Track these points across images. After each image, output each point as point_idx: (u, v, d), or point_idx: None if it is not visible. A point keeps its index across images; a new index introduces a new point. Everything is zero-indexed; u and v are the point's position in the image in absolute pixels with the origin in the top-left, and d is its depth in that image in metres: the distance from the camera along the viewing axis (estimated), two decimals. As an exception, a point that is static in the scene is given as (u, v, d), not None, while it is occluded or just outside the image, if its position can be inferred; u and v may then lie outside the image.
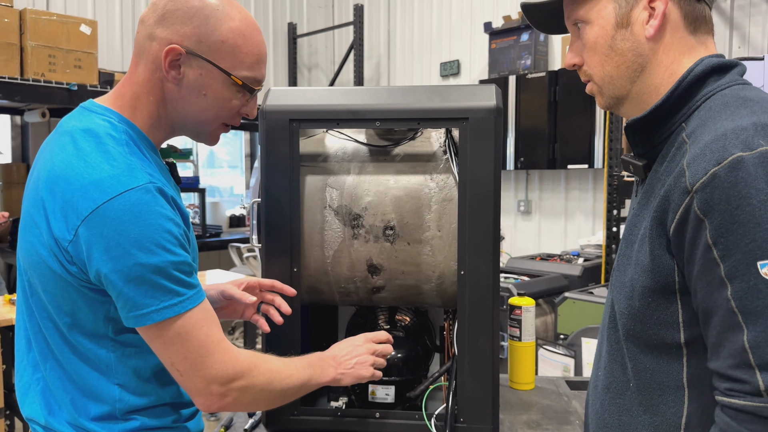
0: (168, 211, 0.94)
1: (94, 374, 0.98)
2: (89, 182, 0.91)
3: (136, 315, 0.92)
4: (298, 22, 6.36)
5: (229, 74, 1.01)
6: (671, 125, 0.89)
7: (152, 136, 1.05)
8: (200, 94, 1.02)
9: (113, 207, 0.89)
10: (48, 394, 1.01)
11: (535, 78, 4.35)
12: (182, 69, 1.00)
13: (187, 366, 0.95)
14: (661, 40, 0.89)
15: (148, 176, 0.94)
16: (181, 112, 1.04)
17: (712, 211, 0.76)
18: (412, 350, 1.44)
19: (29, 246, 0.97)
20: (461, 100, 1.28)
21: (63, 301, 0.96)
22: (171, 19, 0.99)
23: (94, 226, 0.89)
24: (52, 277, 0.95)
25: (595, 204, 4.50)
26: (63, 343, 0.99)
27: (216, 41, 0.99)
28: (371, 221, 1.34)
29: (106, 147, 0.95)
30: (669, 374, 0.86)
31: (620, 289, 0.92)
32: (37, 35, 3.86)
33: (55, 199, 0.93)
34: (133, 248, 0.89)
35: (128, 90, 1.03)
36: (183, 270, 0.94)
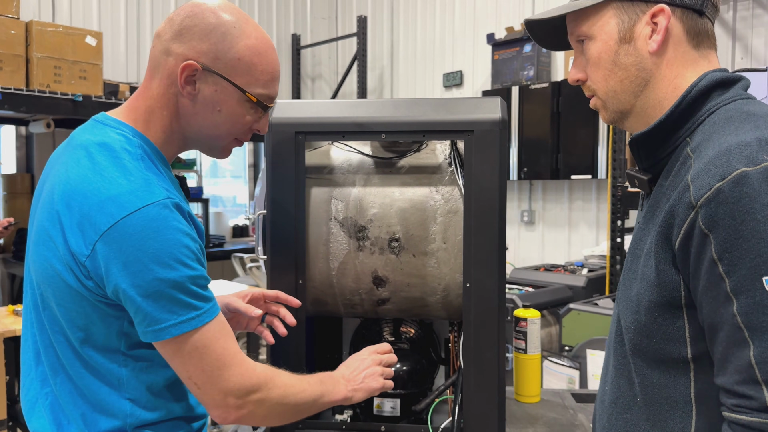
0: (185, 226, 0.95)
1: (106, 389, 0.98)
2: (107, 197, 0.91)
3: (154, 330, 0.92)
4: (302, 33, 6.40)
5: (244, 91, 1.02)
6: (675, 140, 0.89)
7: (165, 150, 1.05)
8: (214, 109, 1.02)
9: (132, 222, 0.90)
10: (57, 409, 1.01)
11: (538, 89, 4.36)
12: (197, 85, 1.00)
13: (204, 379, 0.95)
14: (664, 55, 0.89)
15: (165, 192, 0.95)
16: (194, 127, 1.04)
17: (716, 226, 0.76)
18: (417, 363, 1.43)
19: (43, 260, 0.97)
20: (466, 112, 1.29)
21: (77, 315, 0.96)
22: (188, 35, 0.99)
23: (113, 242, 0.90)
24: (67, 292, 0.95)
25: (599, 214, 4.49)
26: (74, 358, 0.98)
27: (232, 58, 1.00)
28: (376, 233, 1.34)
29: (122, 161, 0.95)
30: (676, 389, 0.86)
31: (626, 304, 0.92)
32: (42, 47, 3.89)
33: (71, 214, 0.93)
34: (152, 263, 0.90)
35: (142, 104, 1.03)
36: (199, 284, 0.95)
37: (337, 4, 6.51)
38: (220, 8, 1.01)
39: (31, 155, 4.98)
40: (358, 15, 5.81)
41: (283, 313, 1.25)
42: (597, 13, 0.92)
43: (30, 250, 1.02)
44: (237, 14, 1.02)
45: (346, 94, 6.07)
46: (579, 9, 0.93)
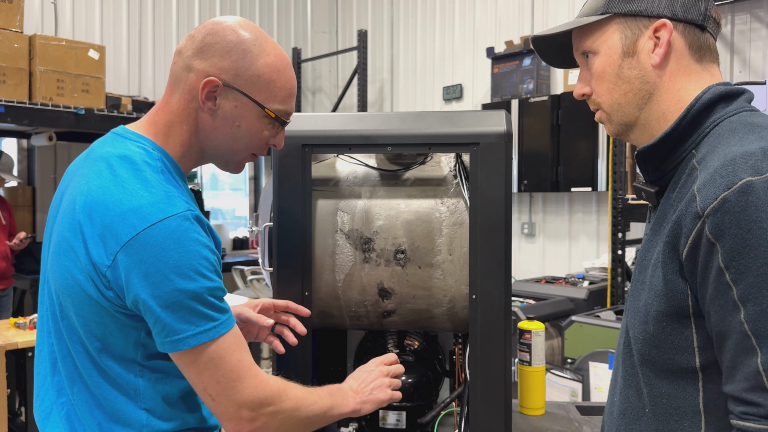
0: (204, 238, 0.96)
1: (122, 399, 0.98)
2: (129, 209, 0.92)
3: (172, 340, 0.93)
4: (303, 47, 6.44)
5: (263, 107, 1.04)
6: (681, 152, 0.90)
7: (182, 164, 1.07)
8: (234, 125, 1.04)
9: (153, 234, 0.91)
10: (74, 418, 1.01)
11: (538, 102, 4.39)
12: (218, 100, 1.02)
13: (219, 390, 0.95)
14: (666, 68, 0.91)
15: (185, 204, 0.96)
16: (213, 142, 1.06)
17: (723, 235, 0.77)
18: (422, 375, 1.43)
19: (64, 270, 0.98)
20: (472, 125, 1.30)
21: (95, 325, 0.97)
22: (209, 52, 1.01)
23: (134, 253, 0.91)
24: (87, 302, 0.96)
25: (599, 227, 4.50)
26: (92, 367, 0.99)
27: (252, 75, 1.02)
28: (382, 245, 1.34)
29: (143, 174, 0.96)
30: (685, 399, 0.86)
31: (634, 314, 0.92)
32: (46, 60, 3.92)
33: (93, 225, 0.94)
34: (172, 274, 0.91)
35: (162, 118, 1.05)
36: (217, 295, 0.96)
37: (338, 19, 6.57)
38: (240, 26, 1.04)
39: (33, 168, 4.99)
40: (358, 29, 5.86)
41: (293, 322, 1.26)
42: (601, 29, 0.94)
43: (49, 261, 1.03)
44: (256, 32, 1.05)
45: (347, 108, 6.10)
46: (584, 25, 0.95)
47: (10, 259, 4.05)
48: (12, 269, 4.08)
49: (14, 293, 4.40)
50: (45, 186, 4.91)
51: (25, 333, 2.89)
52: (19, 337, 2.80)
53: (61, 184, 1.08)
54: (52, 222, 1.05)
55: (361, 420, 1.41)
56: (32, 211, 4.87)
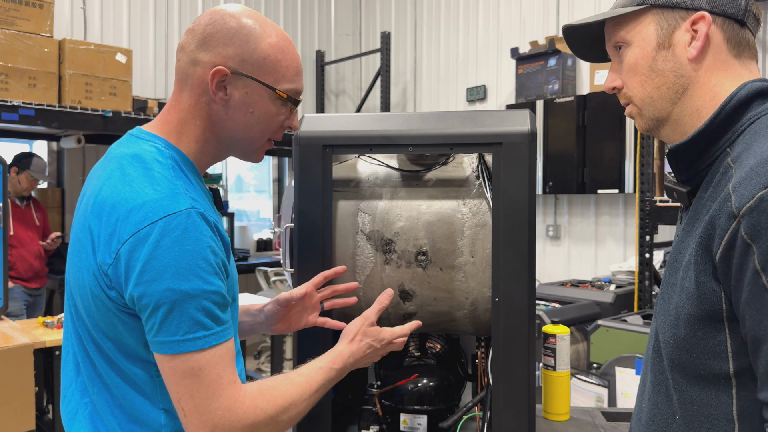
0: (207, 238, 0.93)
1: (140, 399, 0.98)
2: (133, 207, 0.91)
3: (159, 341, 0.91)
4: (326, 50, 6.47)
5: (273, 89, 1.03)
6: (715, 151, 0.87)
7: (198, 160, 1.06)
8: (247, 111, 1.03)
9: (153, 231, 0.89)
10: (96, 419, 1.01)
11: (563, 102, 4.33)
12: (228, 89, 1.01)
13: (192, 406, 0.91)
14: (703, 62, 0.88)
15: (190, 201, 0.94)
16: (228, 132, 1.05)
17: (759, 236, 0.73)
18: (444, 379, 1.41)
19: (77, 271, 0.98)
20: (495, 125, 1.28)
21: (105, 326, 0.96)
22: (212, 42, 1.01)
23: (133, 250, 0.89)
24: (93, 302, 0.96)
25: (626, 229, 4.42)
26: (109, 367, 0.98)
27: (258, 58, 1.01)
28: (403, 246, 1.33)
29: (151, 172, 0.96)
30: (718, 406, 0.83)
31: (665, 318, 0.89)
32: (75, 64, 3.99)
33: (101, 225, 0.93)
34: (167, 273, 0.89)
35: (174, 116, 1.04)
36: (214, 301, 0.93)
37: (361, 21, 6.58)
38: (238, 12, 1.03)
39: (62, 170, 5.09)
40: (381, 31, 5.86)
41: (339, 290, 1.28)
42: (636, 19, 0.91)
43: (68, 262, 1.03)
44: (254, 16, 1.04)
45: (369, 110, 6.10)
46: (619, 15, 0.92)
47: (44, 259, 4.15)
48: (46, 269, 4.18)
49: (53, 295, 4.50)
50: (74, 187, 5.01)
51: (53, 332, 2.95)
52: (47, 335, 2.85)
53: (83, 188, 1.09)
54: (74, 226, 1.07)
55: (382, 423, 1.39)
56: (61, 212, 4.98)
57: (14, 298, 3.90)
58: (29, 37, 3.84)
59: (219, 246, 0.96)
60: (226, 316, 0.96)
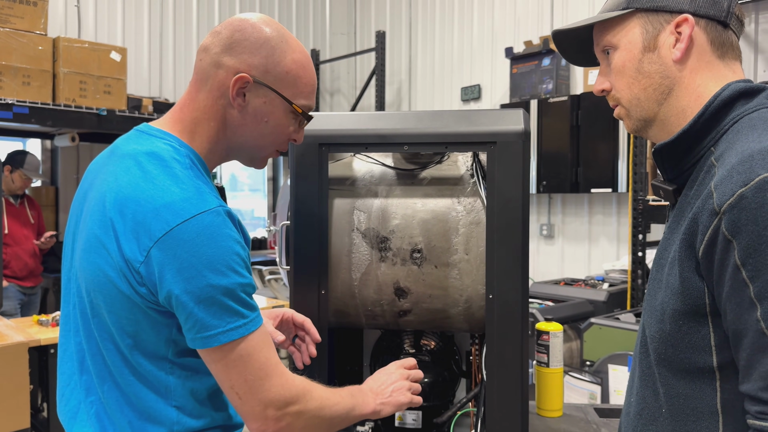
0: (236, 234, 0.96)
1: (153, 396, 0.99)
2: (161, 204, 0.93)
3: (203, 336, 0.93)
4: (321, 49, 6.47)
5: (291, 102, 1.06)
6: (700, 150, 0.89)
7: (208, 160, 1.07)
8: (262, 120, 1.05)
9: (187, 229, 0.91)
10: (103, 417, 1.01)
11: (557, 102, 4.35)
12: (247, 97, 1.03)
13: (246, 389, 0.95)
14: (687, 64, 0.90)
15: (217, 200, 0.97)
16: (240, 138, 1.07)
17: (740, 232, 0.75)
18: (438, 375, 1.43)
19: (94, 267, 0.98)
20: (489, 124, 1.29)
21: (127, 322, 0.97)
22: (239, 48, 1.02)
23: (168, 248, 0.91)
24: (119, 298, 0.96)
25: (620, 228, 4.45)
26: (123, 365, 0.99)
27: (281, 71, 1.04)
28: (398, 244, 1.34)
29: (173, 170, 0.97)
30: (702, 399, 0.85)
31: (651, 313, 0.91)
32: (69, 62, 3.98)
33: (125, 221, 0.94)
34: (206, 269, 0.91)
35: (188, 115, 1.05)
36: (248, 292, 0.96)
37: (356, 20, 6.58)
38: (265, 23, 1.05)
39: (56, 169, 5.08)
40: (376, 30, 5.86)
41: (308, 340, 1.28)
42: (622, 23, 0.94)
43: (77, 259, 1.02)
44: (280, 29, 1.06)
45: (364, 109, 6.11)
46: (605, 20, 0.94)
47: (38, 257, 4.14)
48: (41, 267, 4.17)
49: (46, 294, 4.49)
50: (68, 186, 5.00)
51: (48, 330, 2.94)
52: (41, 334, 2.85)
53: (83, 183, 1.08)
54: (75, 220, 1.06)
55: (377, 419, 1.41)
56: (55, 210, 4.96)
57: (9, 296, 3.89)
58: (23, 35, 3.83)
59: (242, 241, 0.99)
60: (255, 302, 0.99)
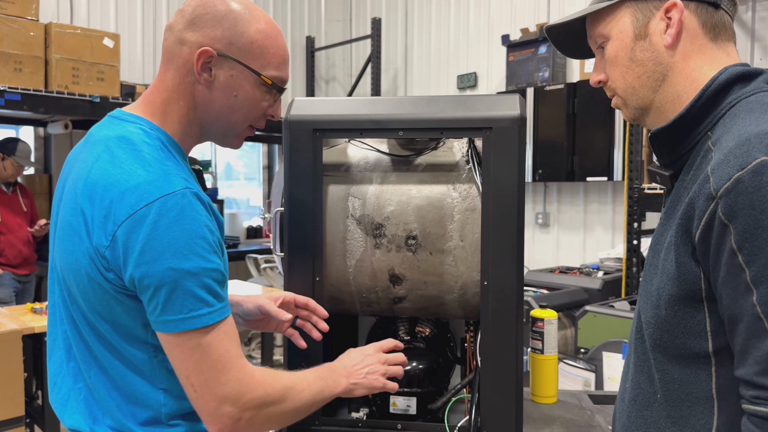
0: (204, 217, 0.94)
1: (139, 380, 0.98)
2: (127, 188, 0.92)
3: (163, 320, 0.92)
4: (316, 36, 6.42)
5: (259, 74, 1.04)
6: (696, 135, 0.89)
7: (182, 142, 1.06)
8: (231, 95, 1.03)
9: (150, 212, 0.90)
10: (92, 403, 1.01)
11: (554, 90, 4.34)
12: (213, 71, 1.02)
13: (202, 380, 0.92)
14: (679, 48, 0.90)
15: (183, 181, 0.95)
16: (211, 115, 1.05)
17: (736, 217, 0.75)
18: (433, 362, 1.43)
19: (69, 254, 0.97)
20: (484, 109, 1.28)
21: (102, 308, 0.96)
22: (200, 23, 1.01)
23: (131, 231, 0.90)
24: (90, 285, 0.95)
25: (615, 217, 4.45)
26: (107, 350, 0.98)
27: (246, 43, 1.02)
28: (393, 231, 1.34)
29: (141, 153, 0.96)
30: (697, 385, 0.85)
31: (647, 299, 0.91)
32: (61, 48, 3.94)
33: (94, 207, 0.93)
34: (167, 252, 0.89)
35: (158, 97, 1.04)
36: (215, 278, 0.94)
37: (351, 7, 6.53)
38: None
39: (50, 156, 5.04)
40: (372, 17, 5.82)
41: (315, 319, 1.27)
42: (612, 13, 0.94)
43: (55, 247, 1.03)
44: (244, 2, 1.04)
45: (360, 96, 6.08)
46: (596, 11, 0.95)
47: (32, 245, 4.12)
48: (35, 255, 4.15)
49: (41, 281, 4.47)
50: (61, 174, 4.96)
51: (42, 318, 2.93)
52: (35, 322, 2.84)
53: (63, 171, 1.08)
54: (56, 209, 1.05)
55: (372, 405, 1.41)
56: (49, 198, 4.93)
57: (3, 284, 3.87)
58: (15, 21, 3.78)
59: (214, 225, 0.97)
60: (225, 293, 0.97)
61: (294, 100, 1.36)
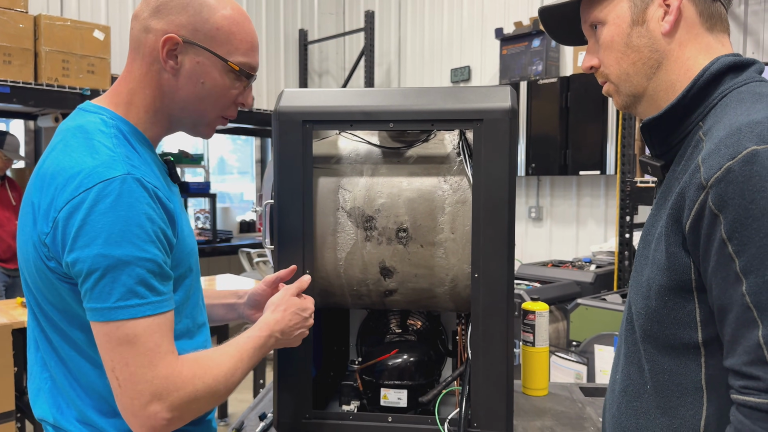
0: (144, 205, 0.91)
1: (95, 371, 0.96)
2: (71, 175, 0.91)
3: (91, 308, 0.89)
4: (309, 29, 6.39)
5: (226, 60, 1.02)
6: (688, 125, 0.88)
7: (149, 131, 1.05)
8: (198, 82, 1.02)
9: (88, 197, 0.88)
10: (56, 393, 1.00)
11: (547, 84, 4.34)
12: (179, 58, 1.00)
13: (127, 375, 0.88)
14: (676, 36, 0.89)
15: (128, 167, 0.92)
16: (179, 104, 1.04)
17: (726, 206, 0.75)
18: (424, 354, 1.43)
19: (22, 244, 0.98)
20: (475, 101, 1.27)
21: (53, 297, 0.95)
22: (165, 10, 1.00)
23: (68, 217, 0.89)
24: (38, 274, 0.95)
25: (607, 210, 4.46)
26: (63, 340, 0.97)
27: (211, 29, 1.01)
28: (384, 223, 1.33)
29: (92, 142, 0.95)
30: (687, 376, 0.85)
31: (637, 290, 0.91)
32: (51, 41, 3.90)
33: (42, 196, 0.93)
34: (99, 238, 0.87)
35: (124, 87, 1.03)
36: (149, 269, 0.90)
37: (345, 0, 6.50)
38: None
39: (40, 150, 5.00)
40: (365, 10, 5.79)
41: None
42: None
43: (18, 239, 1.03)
44: None
45: (354, 90, 6.06)
46: None
47: None
48: None
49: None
50: (52, 168, 4.92)
51: (32, 312, 2.92)
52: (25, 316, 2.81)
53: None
54: None
55: (363, 398, 1.40)
56: (40, 192, 4.89)
57: (-8, 279, 3.85)
58: (3, 12, 3.74)
59: (160, 214, 0.94)
60: (164, 287, 0.93)
61: (284, 92, 1.35)
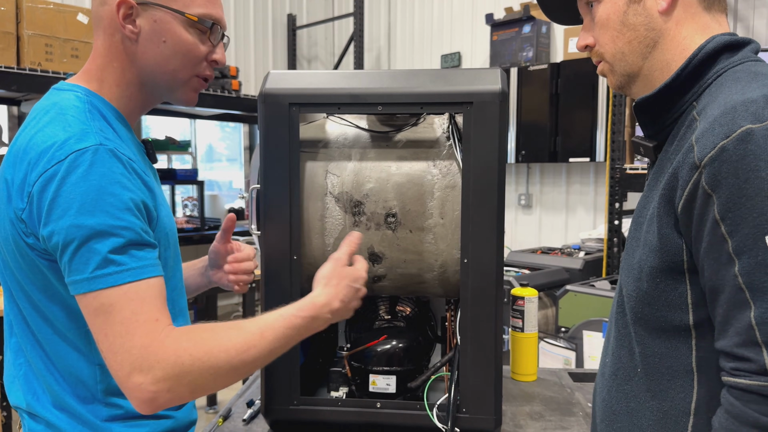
0: (118, 175, 0.89)
1: (74, 354, 0.95)
2: (43, 149, 0.90)
3: (71, 281, 0.87)
4: (298, 14, 6.32)
5: (182, 13, 1.01)
6: (682, 104, 0.87)
7: (125, 107, 1.04)
8: (160, 41, 1.01)
9: (60, 169, 0.87)
10: (31, 378, 0.99)
11: (537, 70, 4.32)
12: (138, 22, 1.00)
13: (107, 345, 0.85)
14: (673, 15, 0.88)
15: (100, 138, 0.91)
16: (147, 69, 1.03)
17: (720, 186, 0.73)
18: (413, 340, 1.42)
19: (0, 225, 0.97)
20: (465, 83, 1.25)
21: (33, 276, 0.94)
22: None
23: (42, 191, 0.88)
24: (17, 252, 0.94)
25: (597, 198, 4.47)
26: (42, 323, 0.96)
27: None
28: (372, 208, 1.31)
29: (65, 116, 0.94)
30: (677, 359, 0.84)
31: (628, 272, 0.90)
32: (33, 24, 3.82)
33: (15, 172, 0.92)
34: (72, 209, 0.86)
35: (93, 64, 1.03)
36: (125, 237, 0.87)
37: (334, -16, 6.43)
38: None
39: (24, 136, 4.93)
40: (355, -5, 5.73)
41: None
42: None
43: None
44: None
45: (343, 76, 6.01)
46: None
47: None
48: None
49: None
50: (37, 154, 4.85)
51: (17, 300, 2.88)
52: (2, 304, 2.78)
53: None
54: None
55: (351, 384, 1.39)
56: (24, 179, 4.83)
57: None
58: (-16, -5, 3.66)
59: (136, 184, 0.93)
60: (145, 254, 0.90)
61: (270, 73, 1.32)
